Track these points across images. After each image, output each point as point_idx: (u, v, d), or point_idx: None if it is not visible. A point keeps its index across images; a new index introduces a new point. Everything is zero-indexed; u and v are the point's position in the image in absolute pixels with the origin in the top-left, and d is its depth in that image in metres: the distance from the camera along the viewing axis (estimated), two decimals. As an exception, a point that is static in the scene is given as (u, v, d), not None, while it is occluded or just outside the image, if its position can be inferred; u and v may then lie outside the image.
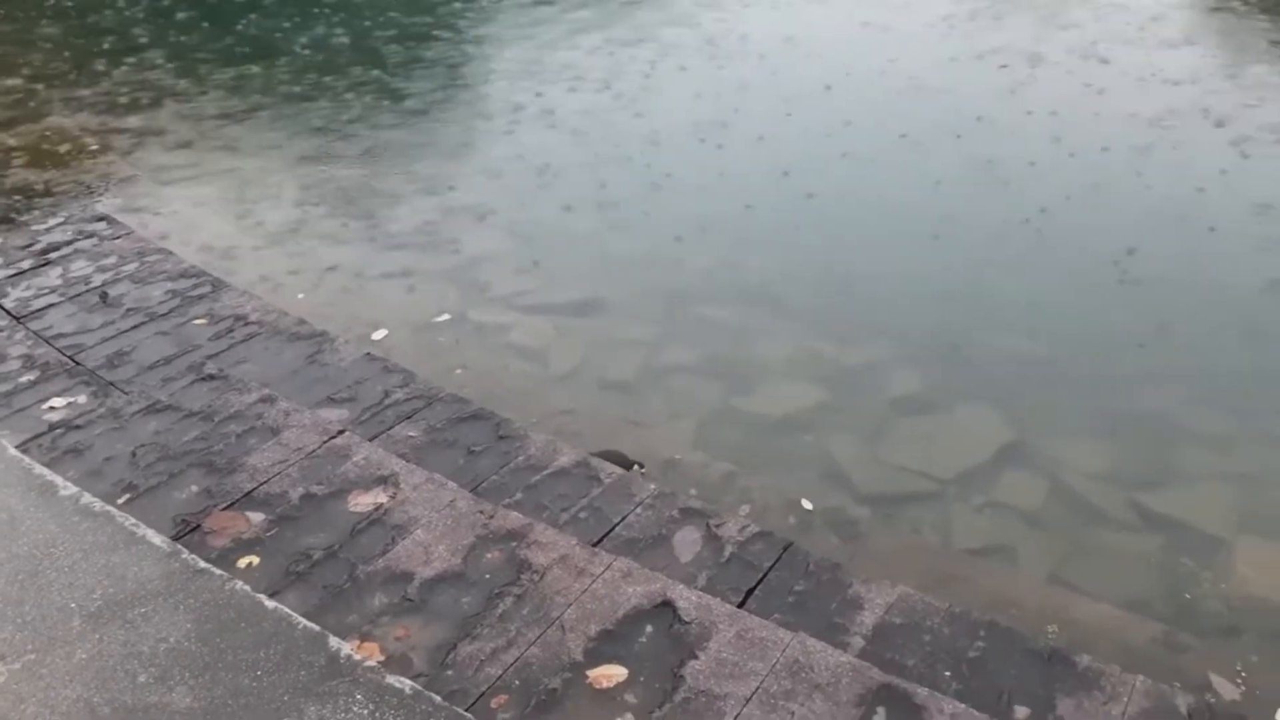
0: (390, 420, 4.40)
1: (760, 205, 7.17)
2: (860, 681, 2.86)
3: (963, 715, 2.75)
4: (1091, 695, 3.09)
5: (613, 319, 5.87)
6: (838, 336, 5.62)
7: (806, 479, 4.65)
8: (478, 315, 5.88)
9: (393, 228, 6.95)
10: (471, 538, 3.42)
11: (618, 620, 3.08)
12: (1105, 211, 6.88)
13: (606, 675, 2.92)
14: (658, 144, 8.16)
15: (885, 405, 5.14)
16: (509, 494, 3.95)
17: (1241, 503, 4.45)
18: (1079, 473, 4.64)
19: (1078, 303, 5.90)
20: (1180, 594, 4.03)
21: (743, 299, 6.00)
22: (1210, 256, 6.33)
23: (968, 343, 5.56)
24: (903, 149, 7.93)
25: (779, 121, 8.51)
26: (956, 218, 6.86)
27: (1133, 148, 7.74)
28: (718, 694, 2.82)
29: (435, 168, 7.95)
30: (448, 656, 3.01)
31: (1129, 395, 5.13)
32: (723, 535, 3.74)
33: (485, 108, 9.33)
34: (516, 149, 8.21)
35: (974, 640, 3.31)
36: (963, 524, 4.45)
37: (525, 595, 3.19)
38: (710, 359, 5.49)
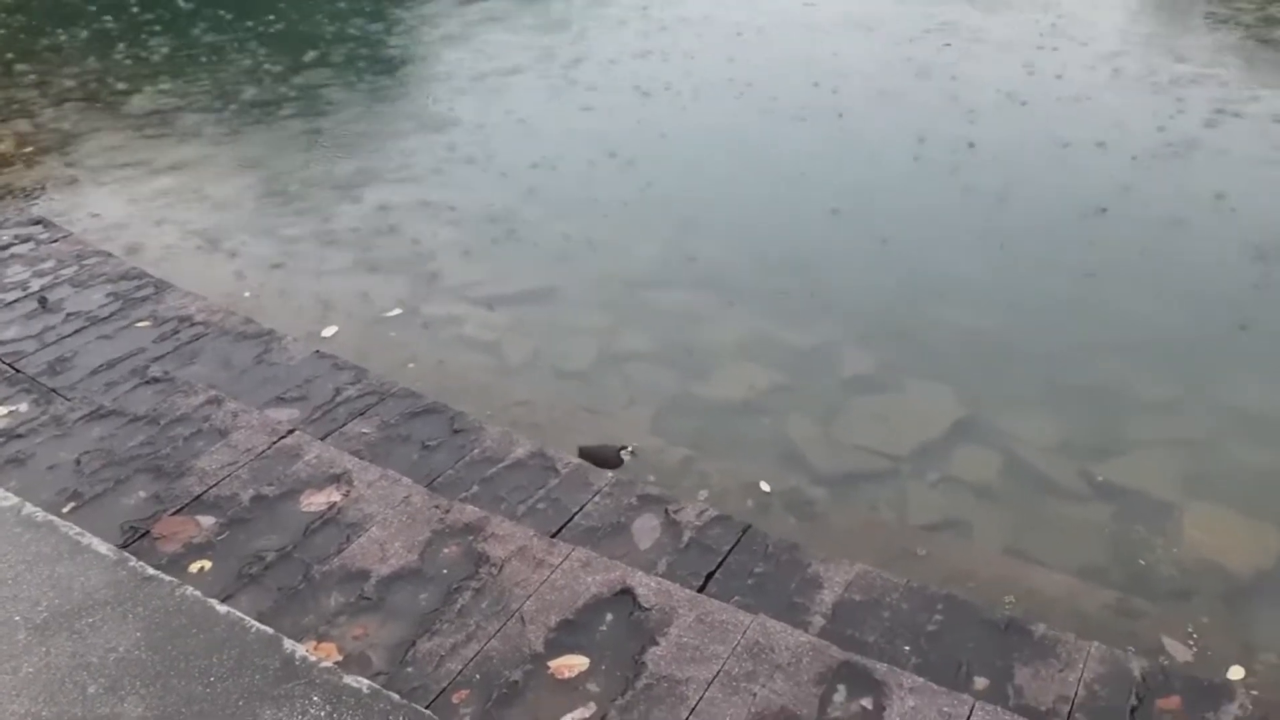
0: (342, 418, 4.34)
1: (709, 188, 7.16)
2: (821, 660, 2.87)
3: (922, 689, 2.77)
4: (1048, 663, 3.13)
5: (566, 308, 5.84)
6: (790, 319, 5.63)
7: (764, 461, 4.67)
8: (429, 308, 5.82)
9: (340, 222, 6.85)
10: (428, 533, 3.39)
11: (578, 610, 3.07)
12: (1052, 186, 6.97)
13: (568, 665, 2.90)
14: (605, 129, 8.12)
15: (839, 385, 5.17)
16: (465, 487, 3.92)
17: (1189, 468, 4.54)
18: (1031, 445, 4.70)
19: (1026, 278, 5.97)
20: (1132, 560, 4.10)
21: (695, 284, 6.00)
22: (1152, 228, 6.43)
23: (919, 321, 5.61)
24: (846, 126, 7.97)
25: (729, 104, 8.52)
26: (905, 198, 6.91)
27: (1084, 127, 7.85)
28: (679, 679, 2.82)
29: (382, 160, 7.85)
30: (407, 654, 2.98)
31: (1078, 367, 5.20)
32: (681, 521, 3.74)
33: (432, 99, 9.22)
34: (464, 140, 8.12)
35: (932, 614, 3.34)
36: (919, 500, 4.50)
37: (484, 588, 3.16)
38: (665, 345, 5.49)
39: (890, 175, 7.27)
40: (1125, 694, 3.02)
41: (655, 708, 2.75)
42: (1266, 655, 3.57)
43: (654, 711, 2.74)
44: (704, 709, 2.74)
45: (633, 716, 2.73)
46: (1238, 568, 4.03)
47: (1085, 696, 3.02)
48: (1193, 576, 4.02)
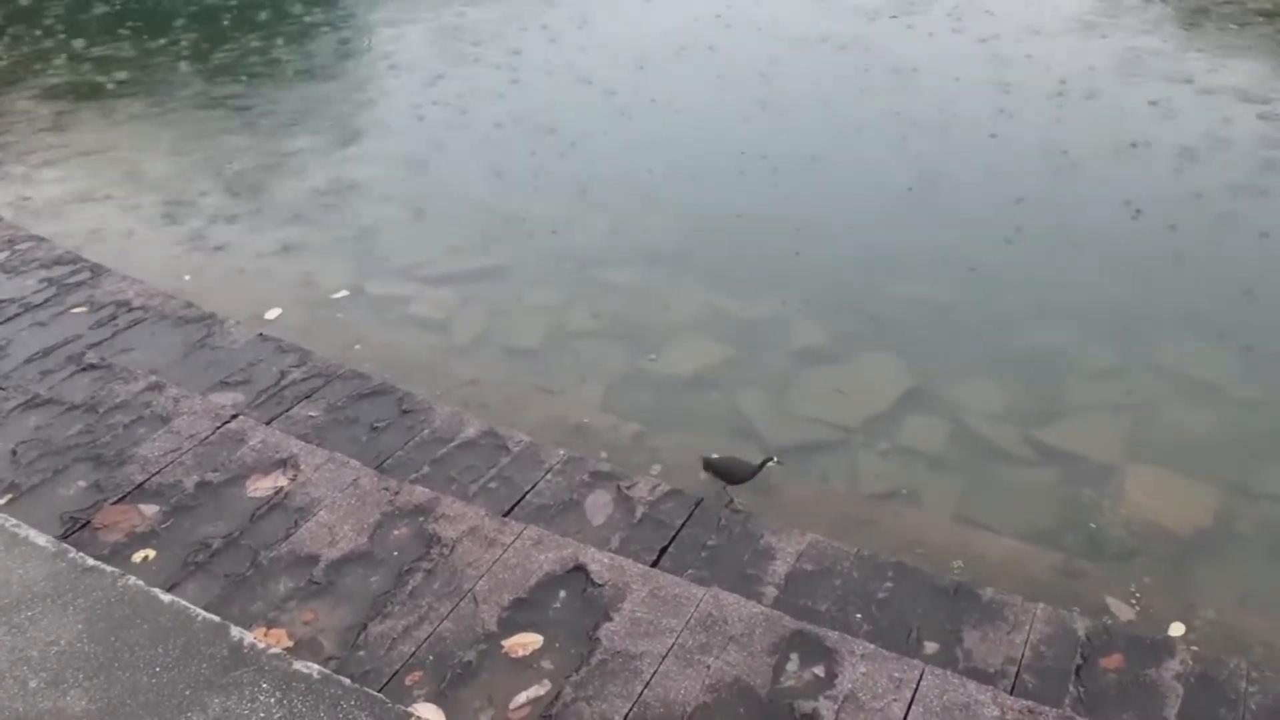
0: (288, 401, 4.26)
1: (657, 166, 7.13)
2: (773, 630, 2.90)
3: (873, 655, 2.80)
4: (996, 626, 3.19)
5: (516, 285, 5.79)
6: (740, 293, 5.64)
7: (716, 435, 4.68)
8: (376, 288, 5.74)
9: (282, 203, 6.72)
10: (377, 515, 3.35)
11: (530, 588, 3.06)
12: (997, 162, 7.04)
13: (522, 644, 2.89)
14: (551, 108, 8.03)
15: (790, 358, 5.19)
16: (415, 468, 3.88)
17: (1131, 431, 4.64)
18: (977, 413, 4.76)
19: (971, 249, 6.03)
20: (1077, 523, 4.18)
21: (645, 260, 5.98)
22: (1092, 200, 6.52)
23: (867, 292, 5.65)
24: (800, 105, 7.96)
25: (674, 84, 8.47)
26: (852, 171, 6.94)
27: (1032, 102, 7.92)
28: (634, 653, 2.83)
29: (325, 139, 7.70)
30: (358, 637, 2.95)
31: (1023, 335, 5.28)
32: (634, 496, 3.73)
33: (374, 77, 9.06)
34: (409, 118, 7.98)
35: (883, 581, 3.38)
36: (869, 469, 4.54)
37: (435, 570, 3.13)
38: (616, 321, 5.47)
39: (835, 149, 7.28)
40: (1070, 654, 3.08)
41: (610, 683, 2.75)
42: (1206, 611, 3.66)
43: (609, 687, 2.74)
44: (658, 682, 2.74)
45: (587, 692, 2.73)
46: (1178, 528, 4.13)
47: (1032, 657, 3.08)
48: (1135, 537, 4.11)
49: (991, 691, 2.70)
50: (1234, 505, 4.22)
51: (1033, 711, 2.63)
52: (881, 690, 2.70)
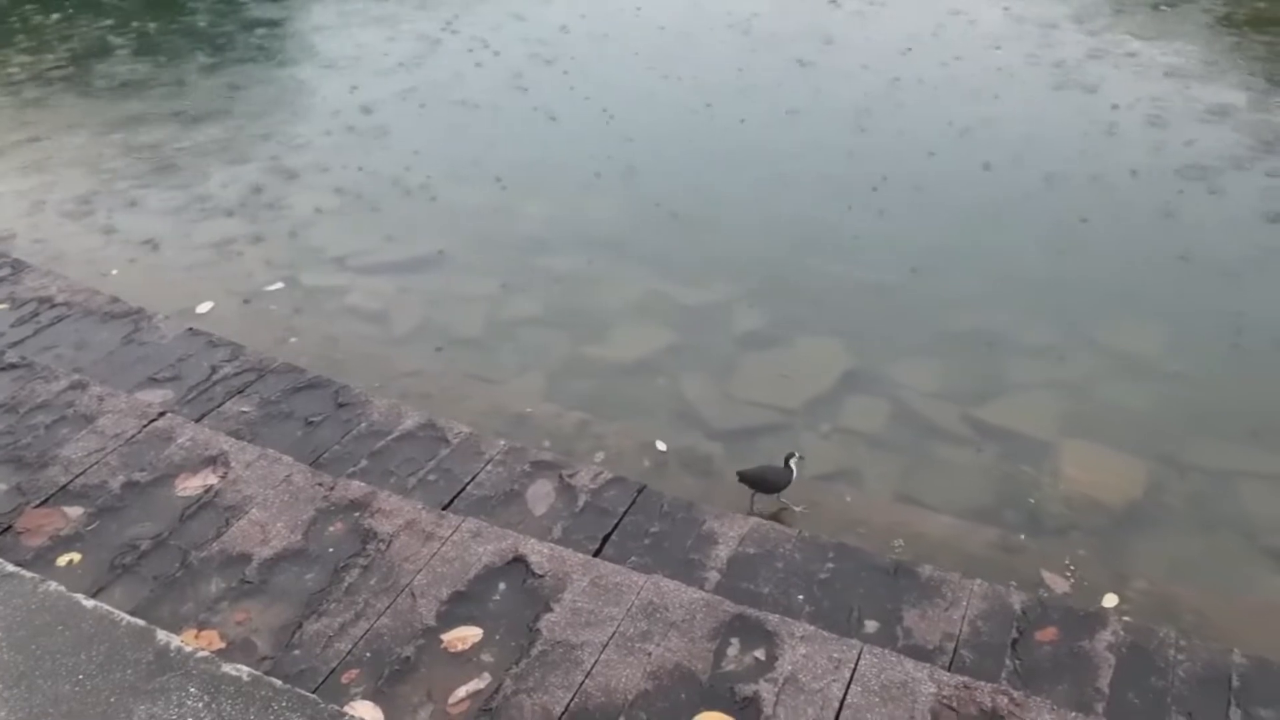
0: (219, 397, 4.16)
1: (598, 153, 7.08)
2: (714, 615, 2.89)
3: (812, 636, 2.81)
4: (934, 603, 3.22)
5: (455, 274, 5.72)
6: (682, 278, 5.62)
7: (660, 421, 4.67)
8: (311, 280, 5.63)
9: (213, 194, 6.55)
10: (311, 511, 3.28)
11: (469, 581, 3.02)
12: (926, 142, 7.10)
13: (461, 637, 2.86)
14: (491, 96, 7.93)
15: (732, 342, 5.19)
16: (353, 462, 3.81)
17: (1065, 408, 4.71)
18: (916, 392, 4.81)
19: (907, 230, 6.08)
20: (1014, 499, 4.24)
21: (585, 246, 5.94)
22: (1034, 181, 6.61)
23: (807, 276, 5.67)
24: (733, 89, 7.96)
25: (611, 68, 8.42)
26: (789, 155, 6.94)
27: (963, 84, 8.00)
28: (574, 643, 2.81)
29: (255, 128, 7.52)
30: (293, 636, 2.88)
31: (960, 314, 5.33)
32: (576, 485, 3.71)
33: (307, 64, 8.86)
34: (341, 106, 7.81)
35: (824, 562, 3.40)
36: (811, 451, 4.53)
37: (372, 565, 3.08)
38: (557, 308, 5.42)
39: (775, 136, 7.28)
40: (1006, 628, 3.12)
41: (550, 674, 2.73)
42: (1138, 582, 3.74)
43: (549, 678, 2.72)
44: (600, 672, 2.73)
45: (528, 684, 2.70)
46: (1112, 501, 4.21)
47: (969, 633, 3.11)
48: (1070, 511, 4.18)
49: (928, 669, 2.72)
50: (1165, 478, 4.32)
51: (968, 687, 2.65)
52: (821, 671, 2.71)
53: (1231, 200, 6.23)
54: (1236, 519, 4.15)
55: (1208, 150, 6.79)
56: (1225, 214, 6.10)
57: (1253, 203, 6.19)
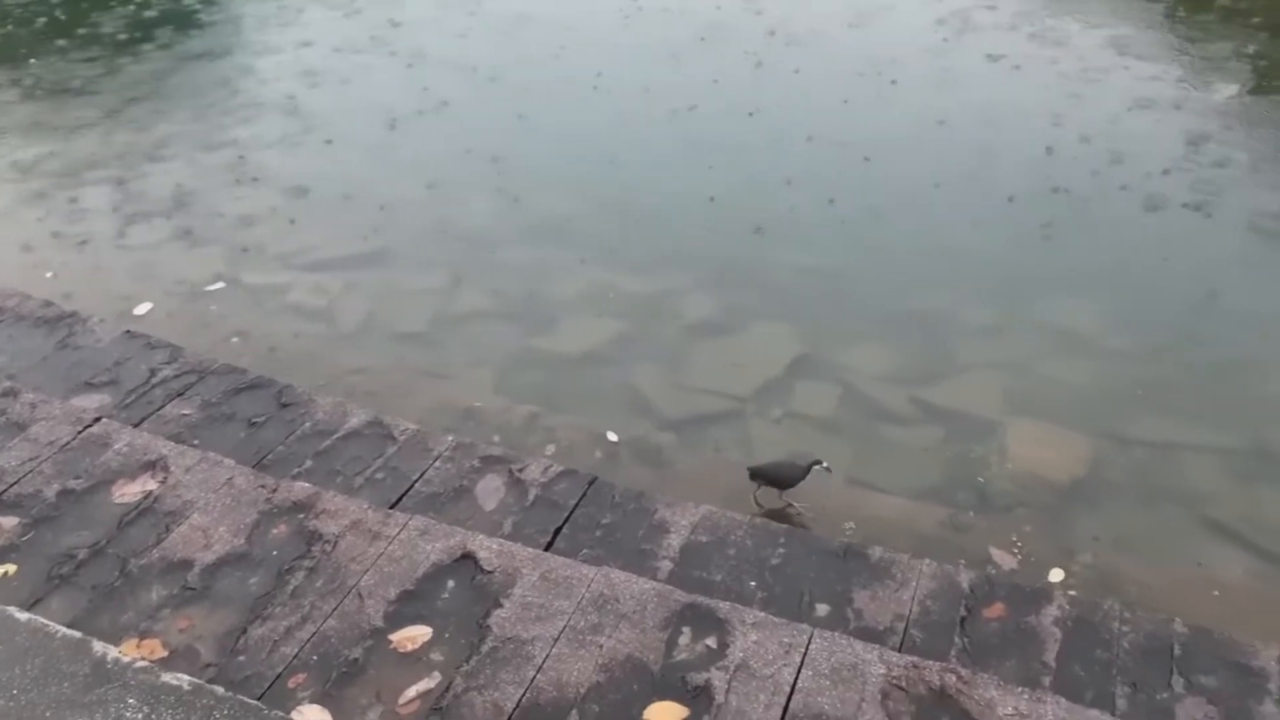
0: (159, 400, 4.07)
1: (544, 144, 7.02)
2: (665, 605, 2.88)
3: (763, 623, 2.82)
4: (884, 584, 3.24)
5: (400, 268, 5.65)
6: (631, 268, 5.60)
7: (611, 411, 4.65)
8: (252, 278, 5.52)
9: (149, 193, 6.40)
10: (254, 515, 3.22)
11: (418, 580, 2.98)
12: (862, 125, 7.13)
13: (410, 637, 2.82)
14: (425, 86, 7.83)
15: (682, 331, 5.19)
16: (298, 463, 3.75)
17: (1011, 387, 4.77)
18: (865, 376, 4.84)
19: (854, 214, 6.11)
20: (962, 478, 4.29)
21: (532, 237, 5.89)
22: (970, 162, 6.67)
23: (755, 262, 5.68)
24: (670, 74, 7.93)
25: (552, 54, 8.35)
26: (732, 140, 6.93)
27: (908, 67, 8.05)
28: (525, 638, 2.78)
29: (189, 126, 7.34)
30: (238, 642, 2.83)
31: (906, 297, 5.37)
32: (526, 479, 3.68)
33: (240, 58, 8.67)
34: (277, 100, 7.66)
35: (775, 548, 3.41)
36: (763, 438, 4.57)
37: (317, 567, 3.03)
38: (505, 301, 5.38)
39: (722, 124, 7.27)
40: (955, 606, 3.15)
41: (501, 670, 2.70)
42: (1083, 556, 3.80)
43: (500, 674, 2.69)
44: (551, 666, 2.71)
45: (479, 682, 2.68)
46: (1057, 477, 4.28)
47: (919, 613, 3.14)
48: (1017, 489, 4.24)
49: (878, 650, 2.74)
50: (1108, 453, 4.39)
51: (917, 666, 2.67)
52: (772, 657, 2.71)
53: (1162, 178, 6.33)
54: (1178, 491, 4.23)
55: (1141, 130, 6.91)
56: (1157, 192, 6.20)
57: (1181, 180, 6.30)
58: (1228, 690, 2.89)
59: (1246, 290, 5.36)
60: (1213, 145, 6.67)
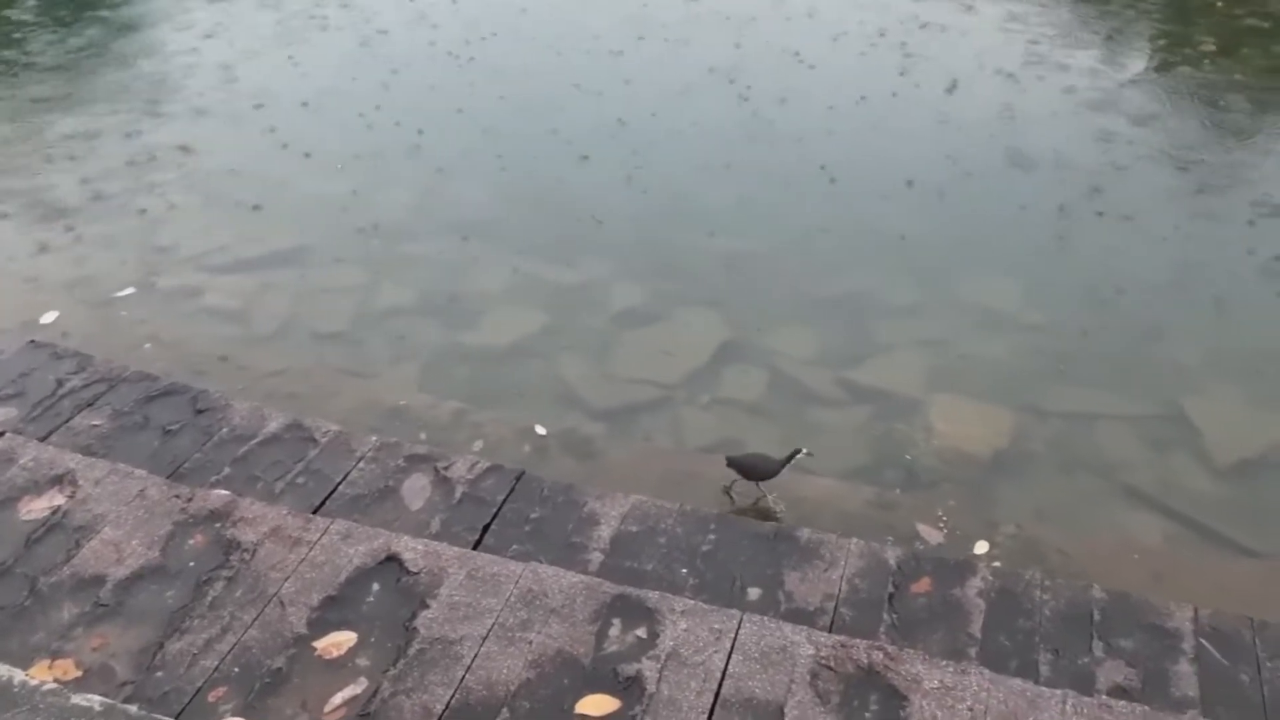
0: (67, 411, 3.93)
1: (463, 135, 6.92)
2: (594, 598, 2.87)
3: (693, 610, 2.82)
4: (813, 565, 3.27)
5: (318, 266, 5.52)
6: (555, 258, 5.56)
7: (538, 404, 4.62)
8: (165, 281, 5.35)
9: (54, 192, 6.14)
10: (169, 526, 3.12)
11: (341, 584, 2.92)
12: (799, 112, 7.18)
13: (335, 643, 2.76)
14: (348, 82, 7.65)
15: (608, 320, 5.17)
16: (215, 470, 3.65)
17: (932, 364, 4.85)
18: (791, 359, 4.88)
19: (777, 199, 6.14)
20: (888, 456, 4.35)
21: (453, 231, 5.81)
22: (889, 144, 6.75)
23: (680, 249, 5.67)
24: (595, 59, 7.88)
25: (481, 52, 8.23)
26: (651, 130, 6.91)
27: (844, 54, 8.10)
28: (453, 639, 2.75)
29: (94, 122, 7.05)
30: (155, 658, 2.74)
31: (828, 279, 5.42)
32: (452, 476, 3.63)
33: (151, 52, 8.37)
34: (185, 95, 7.39)
35: (706, 534, 3.42)
36: (692, 424, 4.59)
37: (236, 577, 2.95)
38: (427, 296, 5.30)
39: (643, 111, 7.24)
40: (883, 584, 3.20)
41: (430, 672, 2.66)
42: (1006, 527, 3.89)
43: (429, 676, 2.65)
44: (480, 665, 2.68)
45: (407, 685, 2.63)
46: (979, 451, 4.36)
47: (848, 591, 3.18)
48: (942, 464, 4.31)
49: (806, 631, 2.76)
50: (1028, 425, 4.49)
51: (844, 645, 2.70)
52: (702, 644, 2.72)
53: (1067, 156, 6.48)
54: (1095, 460, 4.36)
55: (1044, 107, 7.06)
56: (1065, 170, 6.34)
57: (1089, 157, 6.46)
58: (1145, 652, 2.98)
59: (1154, 263, 5.53)
60: (1118, 121, 6.85)
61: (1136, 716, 2.56)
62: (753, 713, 2.56)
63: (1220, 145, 6.76)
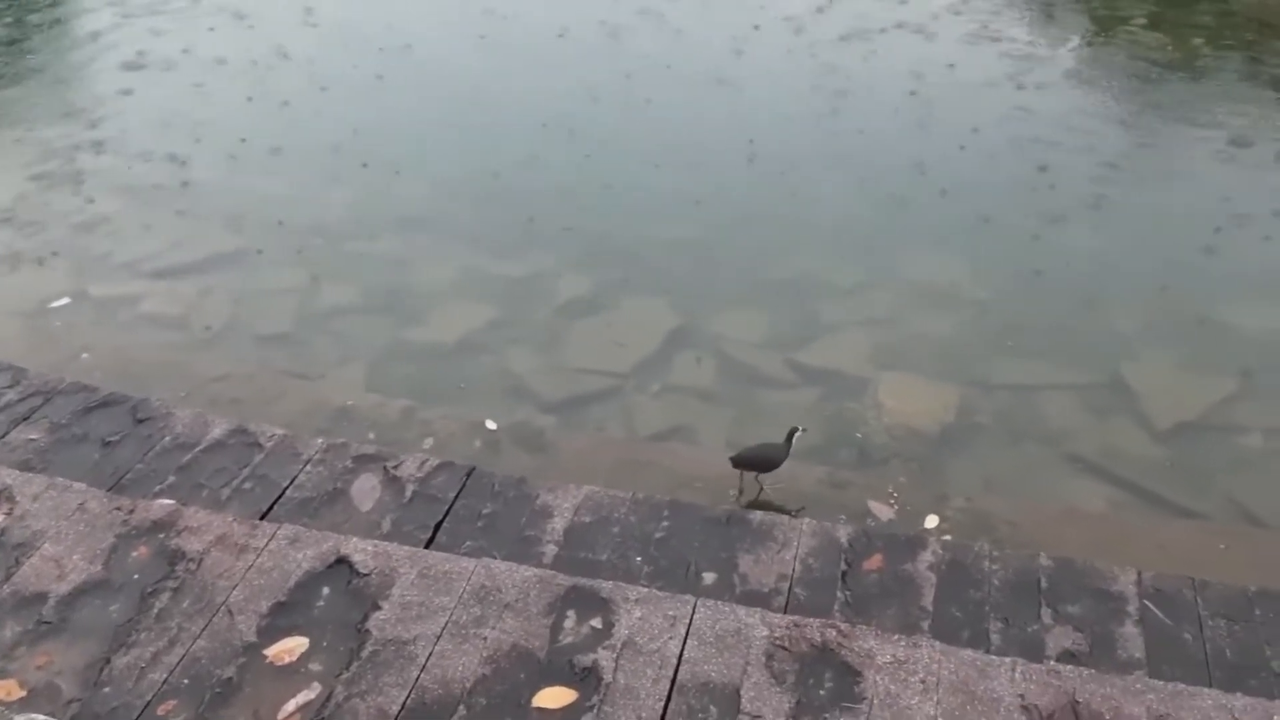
0: (2, 426, 3.82)
1: (406, 131, 6.84)
2: (548, 590, 2.86)
3: (647, 598, 2.82)
4: (767, 547, 3.29)
5: (259, 269, 5.43)
6: (501, 251, 5.52)
7: (488, 399, 4.59)
8: (101, 290, 5.23)
9: (-20, 206, 5.99)
10: (111, 539, 3.05)
11: (290, 590, 2.88)
12: (737, 104, 7.18)
13: (286, 649, 2.73)
14: (285, 80, 7.53)
15: (557, 312, 5.15)
16: (159, 480, 3.58)
17: (879, 343, 4.90)
18: (741, 343, 4.90)
19: (719, 186, 6.14)
20: (839, 435, 4.39)
21: (397, 227, 5.74)
22: (831, 133, 6.79)
23: (626, 238, 5.67)
24: (546, 63, 7.83)
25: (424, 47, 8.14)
26: (596, 119, 6.88)
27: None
28: (406, 639, 2.72)
29: (24, 126, 6.87)
30: (101, 673, 2.69)
31: (774, 263, 5.44)
32: (402, 475, 3.60)
33: (80, 57, 8.16)
34: (121, 98, 7.24)
35: (660, 521, 3.42)
36: (644, 413, 4.59)
37: (183, 587, 2.90)
38: (372, 294, 5.23)
39: (583, 104, 7.19)
40: (836, 562, 3.22)
41: (384, 674, 2.64)
42: (956, 500, 3.94)
43: (383, 678, 2.63)
44: (435, 664, 2.66)
45: (361, 688, 2.61)
46: (927, 426, 4.42)
47: (802, 571, 3.20)
48: (892, 441, 4.36)
49: (760, 613, 2.78)
50: (974, 399, 4.56)
51: (798, 625, 2.72)
52: (657, 631, 2.72)
53: (1003, 131, 6.56)
54: (1040, 430, 4.43)
55: (979, 83, 7.14)
56: (1002, 144, 6.43)
57: (1025, 131, 6.55)
58: (1092, 616, 3.04)
59: (1091, 236, 5.62)
60: (1052, 96, 6.96)
61: (1084, 680, 2.61)
62: (709, 696, 2.57)
63: (1153, 116, 6.89)
